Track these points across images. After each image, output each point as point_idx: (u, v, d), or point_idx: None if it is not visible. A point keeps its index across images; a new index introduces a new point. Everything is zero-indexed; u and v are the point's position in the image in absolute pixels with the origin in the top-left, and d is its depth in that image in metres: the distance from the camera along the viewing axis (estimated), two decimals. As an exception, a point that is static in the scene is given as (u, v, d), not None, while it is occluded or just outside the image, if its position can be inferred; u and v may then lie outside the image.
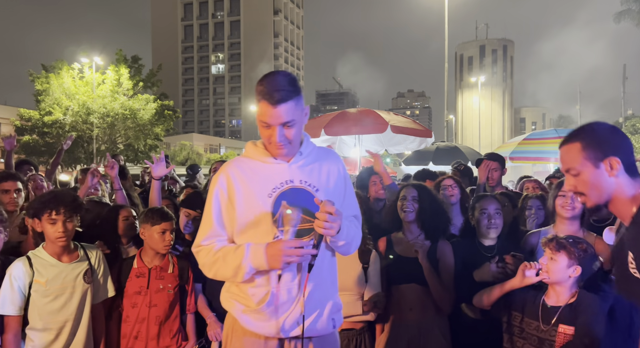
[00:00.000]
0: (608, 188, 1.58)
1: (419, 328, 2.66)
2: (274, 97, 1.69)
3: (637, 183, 1.58)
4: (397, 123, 5.86)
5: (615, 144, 1.59)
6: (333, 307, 1.90)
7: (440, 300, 2.65)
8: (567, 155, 1.63)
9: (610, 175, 1.57)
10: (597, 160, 1.57)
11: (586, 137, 1.61)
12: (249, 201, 1.81)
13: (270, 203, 1.80)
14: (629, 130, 27.97)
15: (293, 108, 1.73)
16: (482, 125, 45.08)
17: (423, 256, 2.63)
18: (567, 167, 1.64)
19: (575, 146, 1.61)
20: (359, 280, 2.64)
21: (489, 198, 2.88)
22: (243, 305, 1.85)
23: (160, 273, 2.68)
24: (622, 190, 1.58)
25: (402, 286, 2.71)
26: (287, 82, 1.73)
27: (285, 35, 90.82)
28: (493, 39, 63.24)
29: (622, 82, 40.35)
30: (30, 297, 2.29)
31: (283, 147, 1.78)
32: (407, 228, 2.81)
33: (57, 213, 2.31)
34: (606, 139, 1.59)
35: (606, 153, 1.57)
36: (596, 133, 1.61)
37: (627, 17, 30.93)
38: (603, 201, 1.61)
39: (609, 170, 1.57)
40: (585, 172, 1.59)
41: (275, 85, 1.71)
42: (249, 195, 1.81)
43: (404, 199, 2.81)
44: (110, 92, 25.83)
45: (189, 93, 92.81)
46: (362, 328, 2.67)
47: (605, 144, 1.58)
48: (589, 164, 1.58)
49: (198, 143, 55.73)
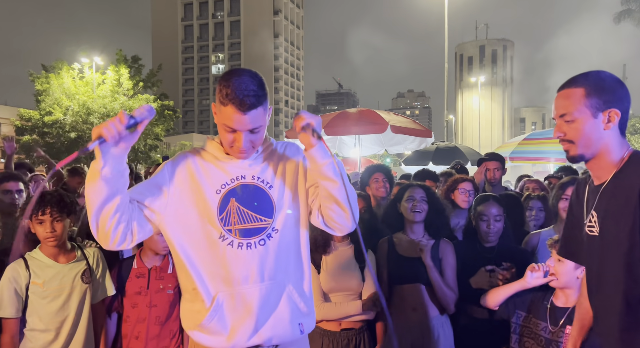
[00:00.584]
0: (598, 140, 1.50)
1: (422, 328, 2.66)
2: (244, 103, 1.54)
3: (624, 144, 1.53)
4: (397, 123, 5.86)
5: (620, 96, 1.50)
6: (297, 310, 1.72)
7: (444, 300, 2.65)
8: (567, 100, 1.53)
9: (606, 128, 1.49)
10: (597, 110, 1.48)
11: (591, 84, 1.50)
12: (195, 195, 1.67)
13: (217, 200, 1.67)
14: (629, 130, 27.99)
15: (262, 113, 1.60)
16: (482, 125, 45.08)
17: (427, 256, 2.62)
18: (562, 112, 1.53)
19: (577, 91, 1.50)
20: (357, 280, 2.64)
21: (490, 203, 2.85)
22: (192, 321, 1.70)
23: (160, 273, 2.68)
24: (609, 147, 1.52)
25: (405, 286, 2.71)
26: (257, 85, 1.58)
27: (285, 35, 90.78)
28: (493, 39, 63.29)
29: (622, 82, 40.33)
30: (29, 299, 2.29)
31: (246, 152, 1.66)
32: (411, 229, 2.80)
33: (43, 213, 2.30)
34: (612, 89, 1.49)
35: (608, 104, 1.48)
36: (603, 82, 1.50)
37: (627, 17, 30.94)
38: (589, 154, 1.53)
39: (605, 123, 1.49)
40: (581, 120, 1.50)
41: (245, 90, 1.55)
42: (196, 189, 1.67)
43: (413, 200, 2.76)
44: (110, 92, 25.83)
45: (189, 93, 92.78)
46: (361, 328, 2.67)
47: (610, 95, 1.49)
48: (587, 112, 1.49)
49: (198, 143, 55.69)
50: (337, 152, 7.62)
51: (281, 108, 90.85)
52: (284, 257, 1.71)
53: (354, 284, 2.63)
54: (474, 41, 62.79)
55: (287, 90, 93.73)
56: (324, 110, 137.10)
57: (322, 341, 2.62)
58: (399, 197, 2.87)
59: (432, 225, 2.78)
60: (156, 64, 37.31)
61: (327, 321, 2.61)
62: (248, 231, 1.66)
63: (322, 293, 2.61)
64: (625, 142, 1.53)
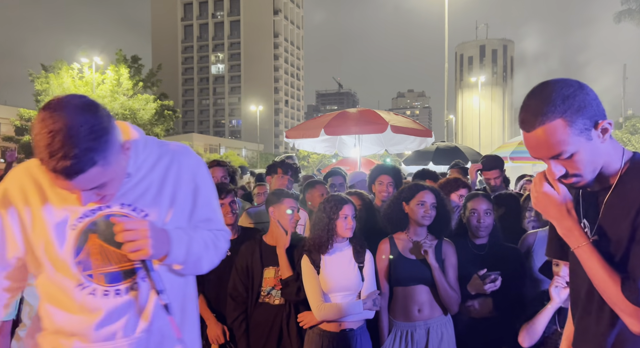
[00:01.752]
0: (600, 159, 1.30)
1: (426, 328, 2.66)
2: (63, 170, 1.09)
3: (618, 147, 1.34)
4: (397, 123, 5.85)
5: (591, 102, 1.25)
6: None
7: (448, 301, 2.65)
8: (552, 138, 1.24)
9: (603, 142, 1.28)
10: (588, 131, 1.25)
11: (565, 108, 1.23)
12: (40, 232, 1.28)
13: (73, 237, 1.28)
14: (629, 130, 27.97)
15: (100, 172, 1.14)
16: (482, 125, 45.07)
17: (432, 257, 2.62)
18: (555, 153, 1.27)
19: (557, 124, 1.23)
20: (356, 280, 2.64)
21: (479, 198, 2.86)
22: None
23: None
24: (610, 158, 1.32)
25: (409, 287, 2.70)
26: (85, 134, 1.09)
27: (285, 35, 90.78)
28: (493, 39, 63.31)
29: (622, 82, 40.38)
30: (24, 300, 2.28)
31: (103, 200, 1.28)
32: (415, 230, 2.78)
33: None
34: (586, 103, 1.25)
35: (593, 118, 1.25)
36: (572, 98, 1.24)
37: (627, 17, 30.93)
38: (595, 176, 1.32)
39: (602, 137, 1.27)
40: (580, 151, 1.26)
41: (63, 148, 1.07)
42: (41, 223, 1.28)
43: (424, 205, 2.70)
44: (110, 92, 25.85)
45: (189, 93, 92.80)
46: (360, 328, 2.67)
47: (589, 110, 1.24)
48: (581, 140, 1.24)
49: (198, 143, 55.69)
50: (337, 152, 7.61)
51: (281, 108, 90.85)
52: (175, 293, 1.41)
53: (353, 284, 2.63)
54: (474, 41, 62.79)
55: (287, 90, 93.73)
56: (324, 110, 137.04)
57: (322, 342, 2.61)
58: (406, 196, 2.78)
59: (435, 228, 2.77)
60: (156, 63, 37.31)
61: (327, 322, 2.61)
62: (120, 274, 1.33)
63: (321, 294, 2.61)
64: (617, 143, 1.36)
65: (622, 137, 26.67)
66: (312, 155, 40.21)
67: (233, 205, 3.02)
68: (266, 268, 2.83)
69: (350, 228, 2.62)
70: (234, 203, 3.04)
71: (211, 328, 2.83)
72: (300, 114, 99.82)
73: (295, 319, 2.76)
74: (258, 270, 2.83)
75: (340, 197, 2.69)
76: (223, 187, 3.07)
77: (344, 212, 2.61)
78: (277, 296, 2.81)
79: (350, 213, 2.63)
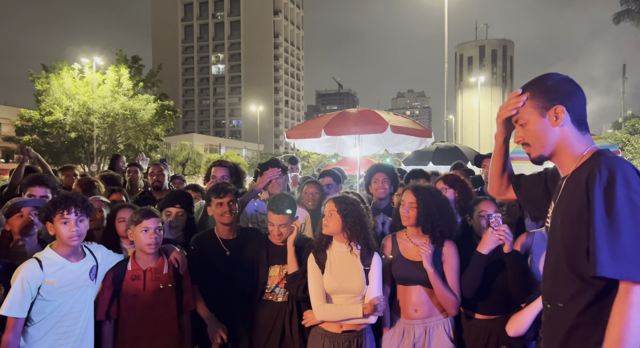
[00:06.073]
0: (552, 138, 1.56)
1: (424, 328, 2.66)
2: None
3: (585, 140, 1.56)
4: (397, 123, 5.85)
5: (564, 93, 1.55)
6: None
7: (446, 304, 2.64)
8: (515, 100, 1.62)
9: (554, 125, 1.54)
10: (544, 109, 1.55)
11: (535, 87, 1.58)
12: None
13: None
14: (629, 130, 27.87)
15: None
16: (482, 125, 45.06)
17: (428, 262, 2.60)
18: (516, 118, 1.62)
19: (524, 96, 1.59)
20: (360, 283, 2.62)
21: (487, 202, 2.88)
22: None
23: (155, 274, 2.66)
24: (567, 143, 1.56)
25: (407, 287, 2.70)
26: None
27: (285, 35, 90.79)
28: (493, 39, 63.28)
29: (622, 82, 40.37)
30: (39, 297, 2.29)
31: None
32: (411, 232, 2.79)
33: (69, 212, 2.32)
34: (555, 87, 1.55)
35: (553, 102, 1.53)
36: (545, 82, 1.58)
37: (627, 17, 30.91)
38: (547, 153, 1.59)
39: (554, 120, 1.54)
40: (532, 121, 1.57)
41: None
42: None
43: (402, 205, 2.74)
44: (110, 92, 25.84)
45: (189, 93, 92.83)
46: (362, 330, 2.66)
47: (553, 93, 1.54)
48: (535, 113, 1.56)
49: (198, 143, 55.73)
50: (337, 152, 7.61)
51: (281, 108, 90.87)
52: None
53: (356, 287, 2.61)
54: (474, 41, 62.81)
55: (287, 90, 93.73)
56: (324, 110, 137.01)
57: (323, 342, 2.61)
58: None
59: (430, 229, 2.72)
60: (156, 64, 37.32)
61: (328, 322, 2.61)
62: None
63: (323, 294, 2.61)
64: (587, 138, 1.56)
65: (621, 137, 26.57)
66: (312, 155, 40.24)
67: (232, 205, 3.01)
68: (272, 267, 2.87)
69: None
70: (233, 203, 3.03)
71: (211, 328, 2.83)
72: (300, 114, 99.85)
73: (297, 317, 2.78)
74: (264, 268, 2.87)
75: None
76: (223, 187, 3.07)
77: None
78: (281, 294, 2.84)
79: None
